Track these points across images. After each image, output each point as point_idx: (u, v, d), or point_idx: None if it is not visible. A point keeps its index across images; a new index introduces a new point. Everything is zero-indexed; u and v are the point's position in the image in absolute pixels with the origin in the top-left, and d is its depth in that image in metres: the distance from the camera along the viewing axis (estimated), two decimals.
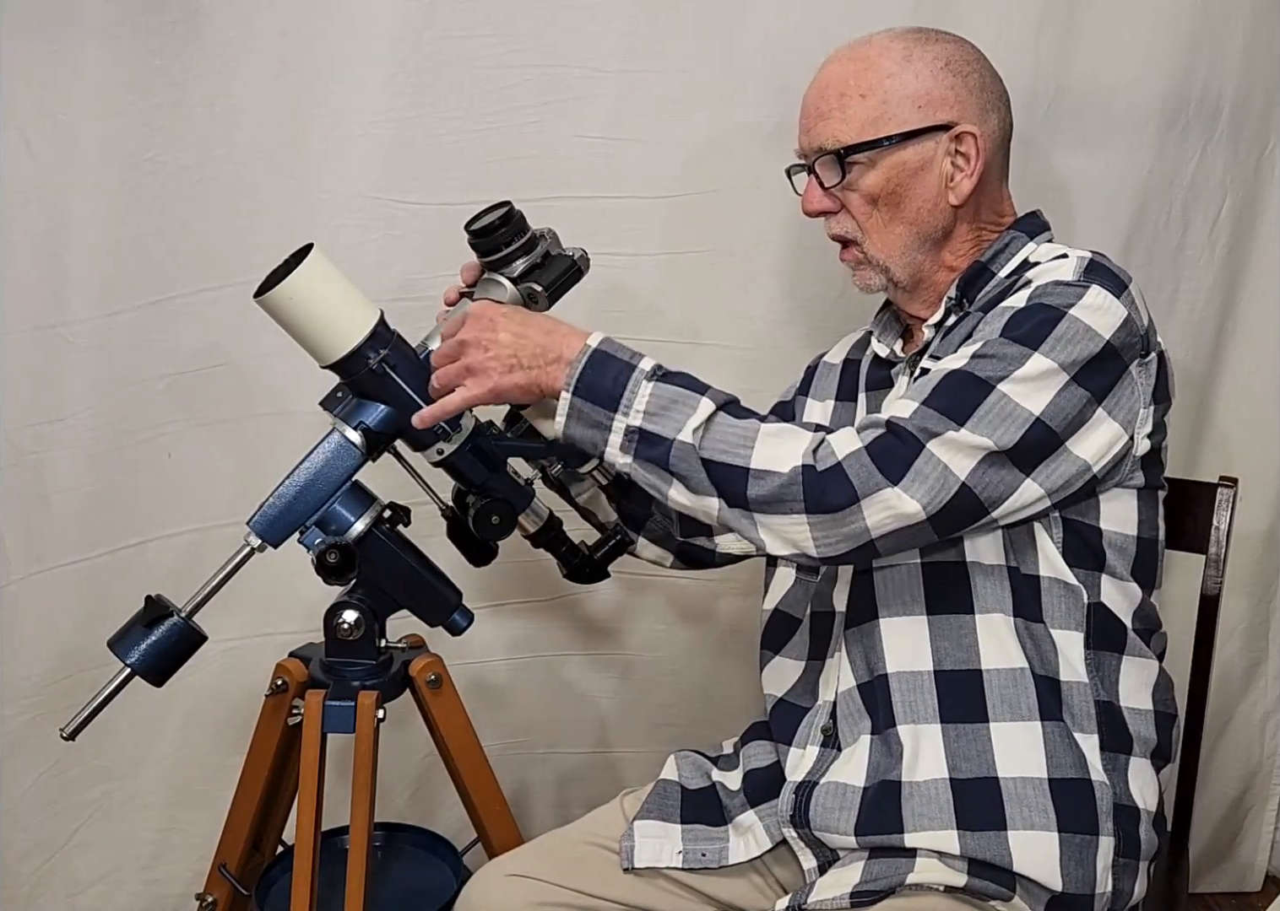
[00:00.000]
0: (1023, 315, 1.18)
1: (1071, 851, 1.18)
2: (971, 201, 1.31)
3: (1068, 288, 1.19)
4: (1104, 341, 1.17)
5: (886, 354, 1.39)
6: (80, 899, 1.86)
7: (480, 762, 1.47)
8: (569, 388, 1.19)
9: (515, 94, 1.68)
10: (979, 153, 1.28)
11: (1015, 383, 1.15)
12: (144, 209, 1.66)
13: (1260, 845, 2.09)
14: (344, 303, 1.26)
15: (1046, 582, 1.24)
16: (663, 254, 1.76)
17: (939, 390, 1.16)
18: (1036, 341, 1.16)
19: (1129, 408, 1.20)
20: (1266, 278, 1.85)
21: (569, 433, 1.21)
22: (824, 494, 1.12)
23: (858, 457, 1.13)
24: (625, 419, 1.18)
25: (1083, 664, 1.23)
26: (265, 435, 1.73)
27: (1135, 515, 1.26)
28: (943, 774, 1.21)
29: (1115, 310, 1.18)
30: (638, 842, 1.34)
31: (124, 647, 1.28)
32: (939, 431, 1.13)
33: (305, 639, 1.46)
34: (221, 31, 1.62)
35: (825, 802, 1.25)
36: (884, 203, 1.29)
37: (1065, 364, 1.15)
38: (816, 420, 1.45)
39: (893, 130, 1.27)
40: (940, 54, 1.29)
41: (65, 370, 1.69)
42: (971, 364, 1.16)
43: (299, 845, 1.33)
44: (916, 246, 1.31)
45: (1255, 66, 1.75)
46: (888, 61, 1.28)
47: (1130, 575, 1.26)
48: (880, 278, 1.33)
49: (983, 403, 1.14)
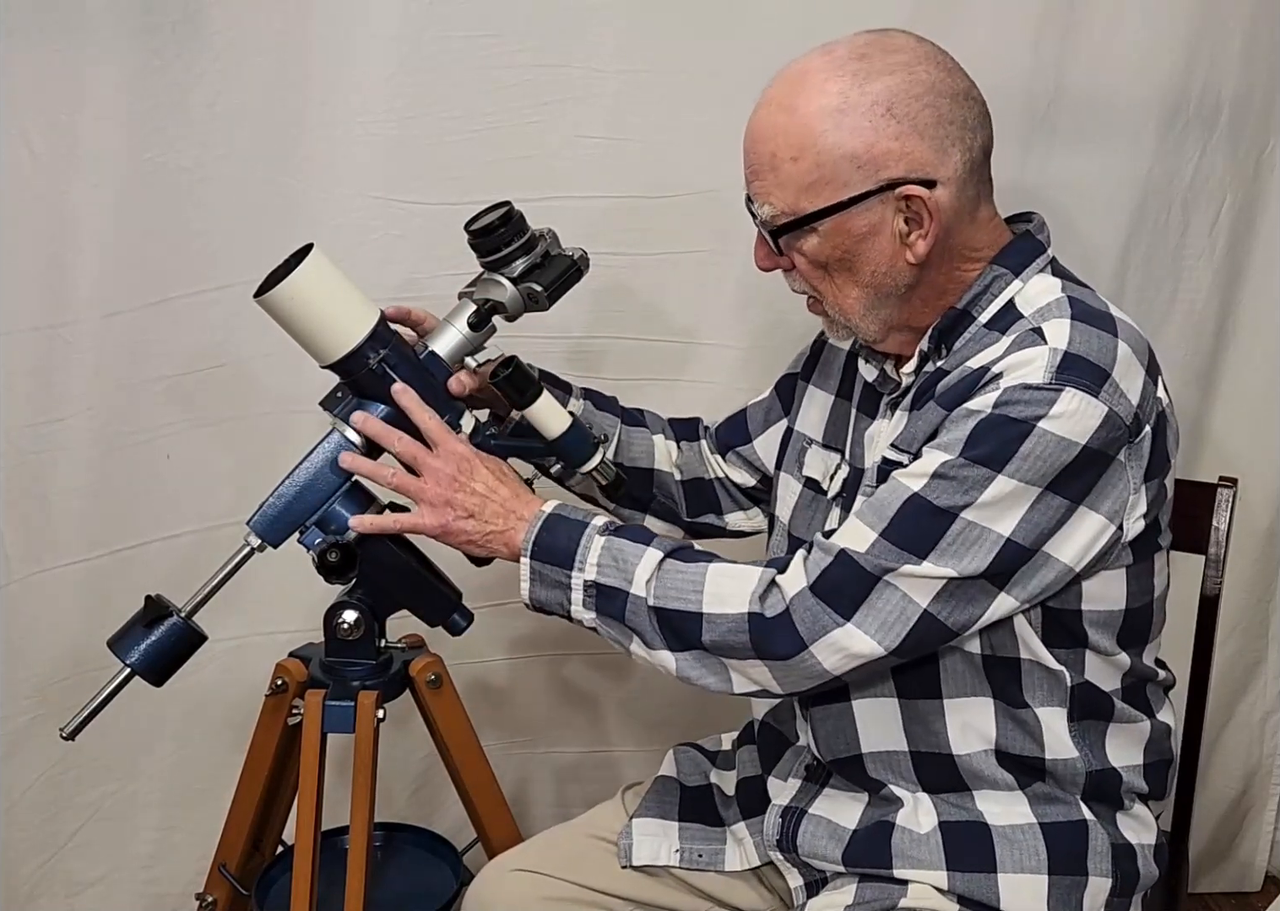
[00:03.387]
0: (984, 428, 1.08)
1: (1059, 892, 1.17)
2: (936, 253, 1.15)
3: (1036, 392, 1.07)
4: (1080, 447, 1.07)
5: (874, 378, 1.29)
6: (80, 899, 1.86)
7: (480, 762, 1.47)
8: (526, 552, 1.20)
9: (515, 94, 1.68)
10: (931, 213, 1.12)
11: (979, 508, 1.08)
12: (144, 209, 1.66)
13: (1260, 845, 2.09)
14: (344, 302, 1.26)
15: (1027, 665, 1.18)
16: (663, 254, 1.76)
17: (898, 519, 1.09)
18: (1000, 462, 1.07)
19: (1115, 498, 1.11)
20: (1266, 277, 1.85)
21: (535, 596, 1.21)
22: (772, 643, 1.11)
23: (802, 600, 1.10)
24: (581, 574, 1.18)
25: (1068, 735, 1.19)
26: (265, 435, 1.73)
27: (1124, 590, 1.19)
28: (932, 822, 1.20)
29: (1091, 412, 1.07)
30: (636, 840, 1.34)
31: (124, 647, 1.28)
32: (894, 566, 1.09)
33: (305, 639, 1.46)
34: (221, 31, 1.62)
35: (813, 831, 1.25)
36: (835, 268, 1.17)
37: (1034, 479, 1.07)
38: (816, 414, 1.39)
39: (829, 199, 1.13)
40: (881, 96, 1.11)
41: (65, 370, 1.69)
42: (931, 487, 1.09)
43: (299, 845, 1.33)
44: (879, 304, 1.18)
45: (1255, 66, 1.75)
46: (819, 117, 1.12)
47: (1118, 645, 1.20)
48: (846, 332, 1.23)
49: (945, 533, 1.08)
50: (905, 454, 1.17)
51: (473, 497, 1.23)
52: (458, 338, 1.32)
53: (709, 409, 1.82)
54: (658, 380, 1.80)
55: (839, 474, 1.32)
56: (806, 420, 1.40)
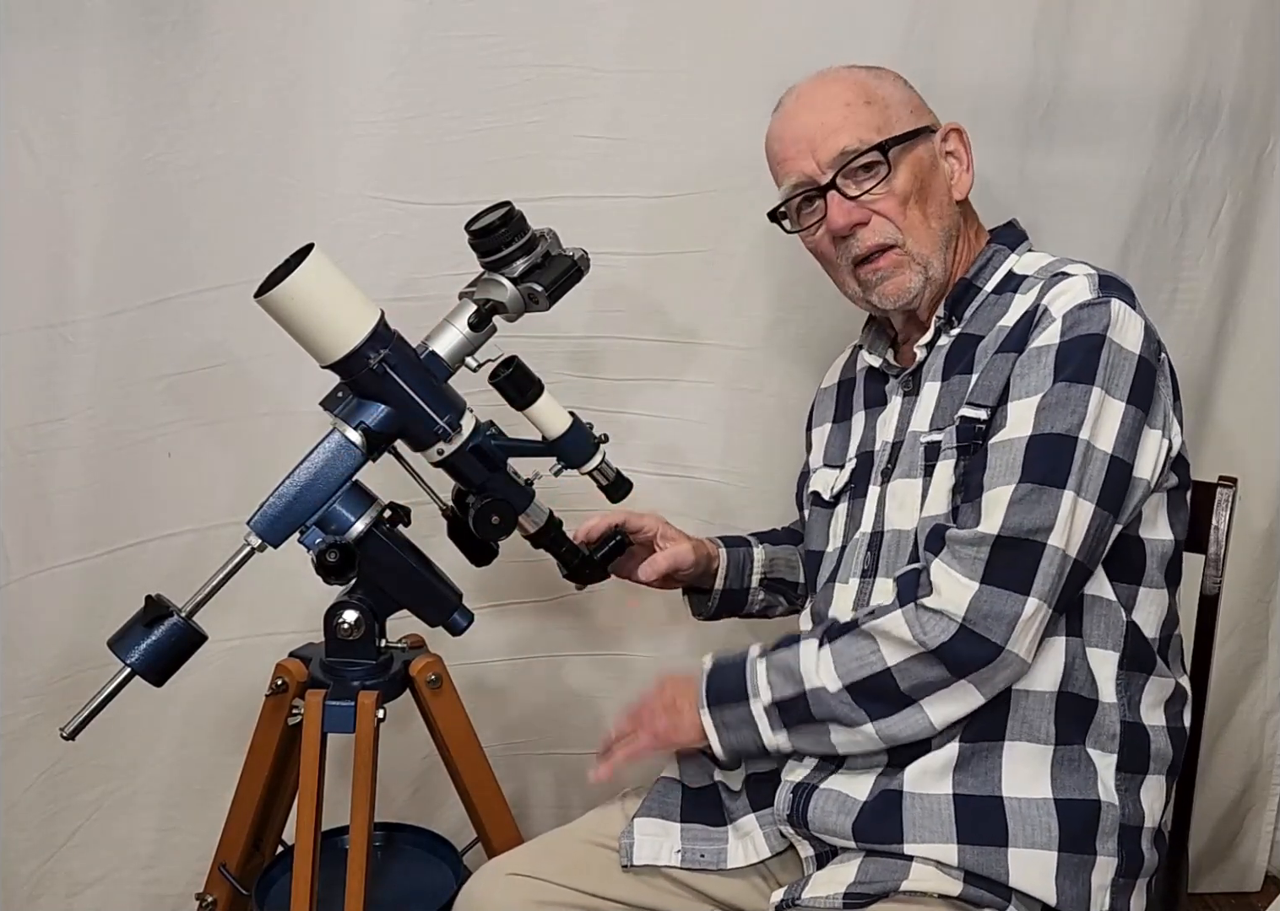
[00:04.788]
0: (1064, 353, 1.19)
1: (1068, 870, 1.18)
2: (966, 200, 1.35)
3: (1092, 308, 1.20)
4: (1137, 357, 1.20)
5: (879, 363, 1.40)
6: (80, 899, 1.86)
7: (480, 762, 1.47)
8: (703, 705, 1.27)
9: (515, 94, 1.68)
10: (966, 147, 1.34)
11: (1089, 426, 1.17)
12: (144, 209, 1.66)
13: (1260, 845, 2.09)
14: (344, 302, 1.26)
15: (1089, 600, 1.23)
16: (663, 254, 1.76)
17: (1029, 461, 1.17)
18: (1090, 375, 1.18)
19: (1162, 412, 1.22)
20: (1266, 277, 1.85)
21: (730, 747, 1.28)
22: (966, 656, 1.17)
23: (978, 601, 1.16)
24: (759, 701, 1.24)
25: (1113, 685, 1.22)
26: (265, 435, 1.73)
27: (1168, 521, 1.27)
28: (947, 790, 1.21)
29: (1137, 323, 1.21)
30: (636, 840, 1.34)
31: (124, 647, 1.28)
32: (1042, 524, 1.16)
33: (305, 639, 1.46)
34: (221, 31, 1.62)
35: (824, 806, 1.25)
36: (915, 200, 1.30)
37: (1117, 392, 1.18)
38: (819, 447, 1.48)
39: (903, 129, 1.31)
40: (894, 76, 1.35)
41: (65, 370, 1.69)
42: (1041, 421, 1.18)
43: (299, 845, 1.33)
44: (944, 242, 1.32)
45: (1255, 66, 1.75)
46: (865, 78, 1.33)
47: (1165, 580, 1.27)
48: (919, 277, 1.32)
49: (1074, 457, 1.16)
50: (983, 408, 1.24)
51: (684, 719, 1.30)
52: (458, 338, 1.32)
53: (709, 409, 1.82)
54: (658, 380, 1.80)
55: (839, 480, 1.40)
56: (815, 457, 1.49)
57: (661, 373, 1.80)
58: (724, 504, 1.83)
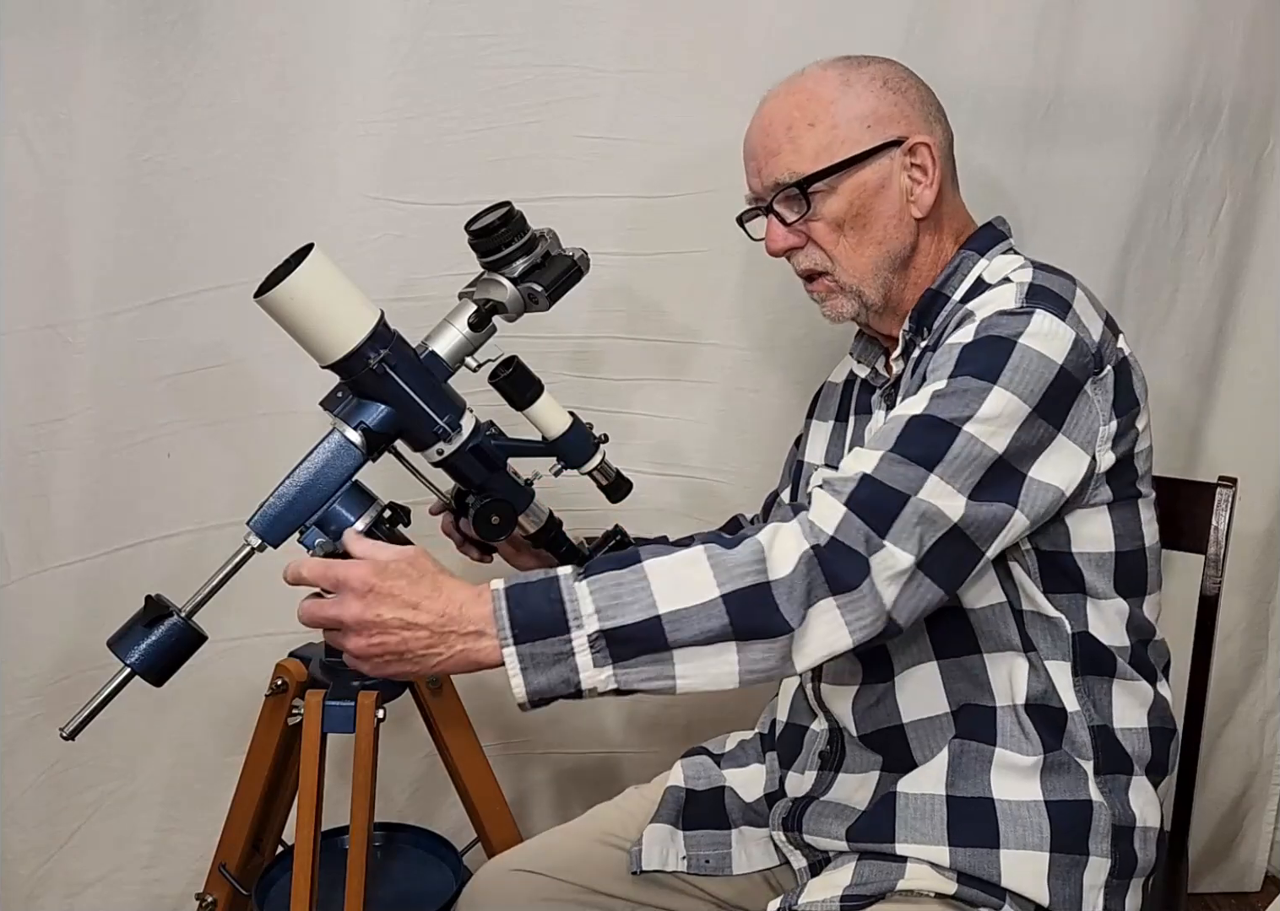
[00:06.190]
0: (972, 349, 1.15)
1: (1060, 870, 1.18)
2: (934, 213, 1.29)
3: (1012, 316, 1.16)
4: (1058, 367, 1.13)
5: (867, 374, 1.39)
6: (80, 899, 1.86)
7: (480, 762, 1.47)
8: (507, 641, 1.01)
9: (515, 94, 1.68)
10: (934, 161, 1.27)
11: (979, 422, 1.10)
12: (144, 209, 1.66)
13: (1260, 845, 2.10)
14: (344, 302, 1.26)
15: (1029, 616, 1.22)
16: (663, 254, 1.76)
17: (903, 437, 1.11)
18: (994, 374, 1.12)
19: (1087, 428, 1.16)
20: (1266, 278, 1.86)
21: (533, 687, 1.01)
22: (840, 570, 1.04)
23: (847, 522, 1.06)
24: (583, 631, 1.01)
25: (1073, 692, 1.22)
26: (265, 435, 1.73)
27: (1110, 531, 1.23)
28: (940, 791, 1.21)
29: (1062, 334, 1.15)
30: (645, 847, 1.35)
31: (124, 647, 1.28)
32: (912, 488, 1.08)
33: (305, 639, 1.46)
34: (221, 31, 1.62)
35: (820, 812, 1.26)
36: (850, 226, 1.28)
37: (1025, 396, 1.12)
38: (820, 443, 1.46)
39: (847, 153, 1.26)
40: (875, 74, 1.29)
41: (65, 370, 1.69)
42: (932, 405, 1.12)
43: (299, 845, 1.33)
44: (887, 266, 1.29)
45: (1255, 67, 1.75)
46: (827, 89, 1.28)
47: (1115, 591, 1.24)
48: (853, 303, 1.31)
49: (950, 446, 1.10)
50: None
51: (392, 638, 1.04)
52: (458, 338, 1.32)
53: (709, 409, 1.82)
54: (658, 380, 1.80)
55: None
56: (814, 451, 1.47)
57: (661, 373, 1.80)
58: (724, 504, 1.83)
